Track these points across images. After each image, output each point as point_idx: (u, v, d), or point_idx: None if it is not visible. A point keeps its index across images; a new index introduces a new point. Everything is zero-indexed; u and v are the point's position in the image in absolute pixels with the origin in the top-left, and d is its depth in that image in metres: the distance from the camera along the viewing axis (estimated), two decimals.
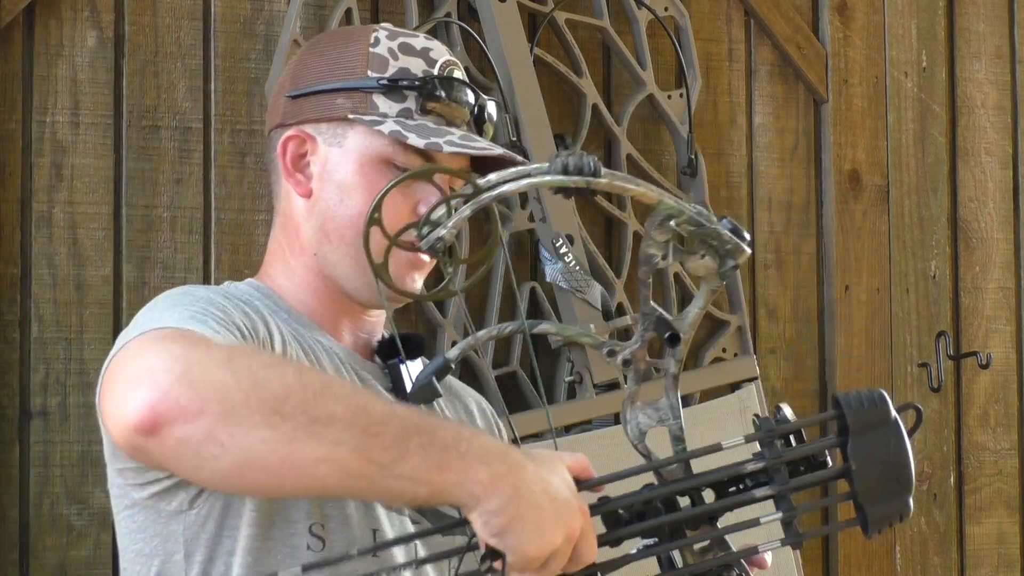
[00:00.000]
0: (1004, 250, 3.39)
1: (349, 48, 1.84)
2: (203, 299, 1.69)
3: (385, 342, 1.89)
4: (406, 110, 1.82)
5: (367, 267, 1.72)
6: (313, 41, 1.91)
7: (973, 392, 3.33)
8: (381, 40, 1.84)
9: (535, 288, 2.94)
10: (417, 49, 1.85)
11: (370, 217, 1.57)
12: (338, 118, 1.82)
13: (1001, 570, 3.33)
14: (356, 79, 1.82)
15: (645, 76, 3.05)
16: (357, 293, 1.84)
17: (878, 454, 1.54)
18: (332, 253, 1.83)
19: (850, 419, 1.55)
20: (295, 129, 1.85)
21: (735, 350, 3.07)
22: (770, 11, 3.17)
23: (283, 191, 1.87)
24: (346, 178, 1.82)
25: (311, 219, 1.84)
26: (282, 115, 1.87)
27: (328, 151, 1.83)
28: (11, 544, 2.61)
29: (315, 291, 1.85)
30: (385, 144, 1.81)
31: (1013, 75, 3.42)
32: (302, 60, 1.88)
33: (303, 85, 1.85)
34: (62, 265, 2.66)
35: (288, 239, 1.87)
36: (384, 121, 1.80)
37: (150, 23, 2.73)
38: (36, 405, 2.63)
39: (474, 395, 2.03)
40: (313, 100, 1.84)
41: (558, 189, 1.55)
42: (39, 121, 2.67)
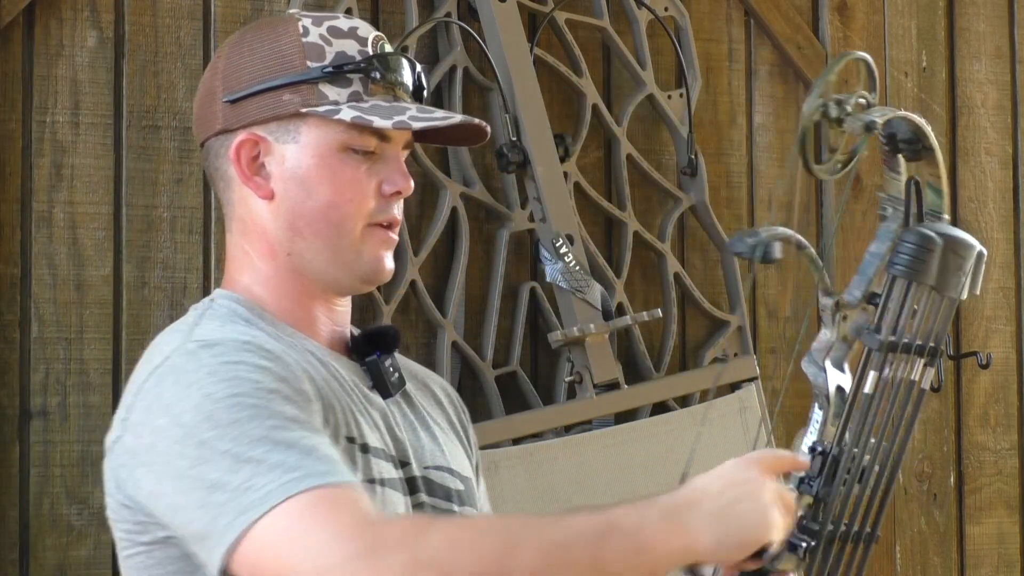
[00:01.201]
0: (1004, 250, 3.39)
1: (281, 42, 1.82)
2: (268, 392, 1.64)
3: (360, 339, 1.87)
4: (355, 93, 1.80)
5: (346, 255, 1.78)
6: (234, 41, 1.86)
7: (973, 392, 3.33)
8: (309, 29, 1.82)
9: (535, 288, 2.94)
10: (345, 31, 1.83)
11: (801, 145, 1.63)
12: (288, 114, 1.80)
13: (1001, 570, 3.33)
14: (298, 72, 1.80)
15: (645, 76, 3.05)
16: (336, 283, 1.83)
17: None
18: (307, 249, 1.81)
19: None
20: (245, 133, 1.81)
21: (735, 350, 3.07)
22: (770, 11, 3.17)
23: (236, 198, 1.84)
24: (309, 172, 1.80)
25: (278, 219, 1.81)
26: (223, 121, 1.83)
27: (283, 149, 1.81)
28: (11, 544, 2.61)
29: (289, 292, 1.83)
30: (341, 131, 1.79)
31: (1013, 75, 3.42)
32: (231, 62, 1.84)
33: (240, 87, 1.82)
34: (62, 265, 2.66)
35: (253, 244, 1.84)
36: (340, 109, 1.79)
37: (150, 23, 2.73)
38: (36, 405, 2.63)
39: (438, 380, 2.01)
40: (256, 100, 1.81)
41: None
42: (39, 121, 2.67)
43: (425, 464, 1.84)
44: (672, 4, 3.07)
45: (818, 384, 1.74)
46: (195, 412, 1.61)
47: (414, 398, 1.90)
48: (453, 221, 2.88)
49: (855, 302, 1.73)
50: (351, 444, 1.72)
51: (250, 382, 1.63)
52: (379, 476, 1.75)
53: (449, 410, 1.97)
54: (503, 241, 2.91)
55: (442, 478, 1.85)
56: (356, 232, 1.80)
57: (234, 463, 1.57)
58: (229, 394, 1.62)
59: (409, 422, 1.86)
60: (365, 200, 1.80)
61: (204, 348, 1.68)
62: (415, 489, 1.81)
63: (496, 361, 2.89)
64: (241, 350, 1.68)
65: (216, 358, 1.66)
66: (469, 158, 2.90)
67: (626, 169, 3.02)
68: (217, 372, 1.64)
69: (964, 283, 1.73)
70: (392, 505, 1.75)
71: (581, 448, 2.84)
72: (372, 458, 1.75)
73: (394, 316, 2.79)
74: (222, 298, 1.83)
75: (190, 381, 1.64)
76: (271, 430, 1.59)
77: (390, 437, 1.81)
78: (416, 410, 1.89)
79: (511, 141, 2.87)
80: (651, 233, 3.03)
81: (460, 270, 2.87)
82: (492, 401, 2.85)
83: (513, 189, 2.93)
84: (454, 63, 2.89)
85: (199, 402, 1.62)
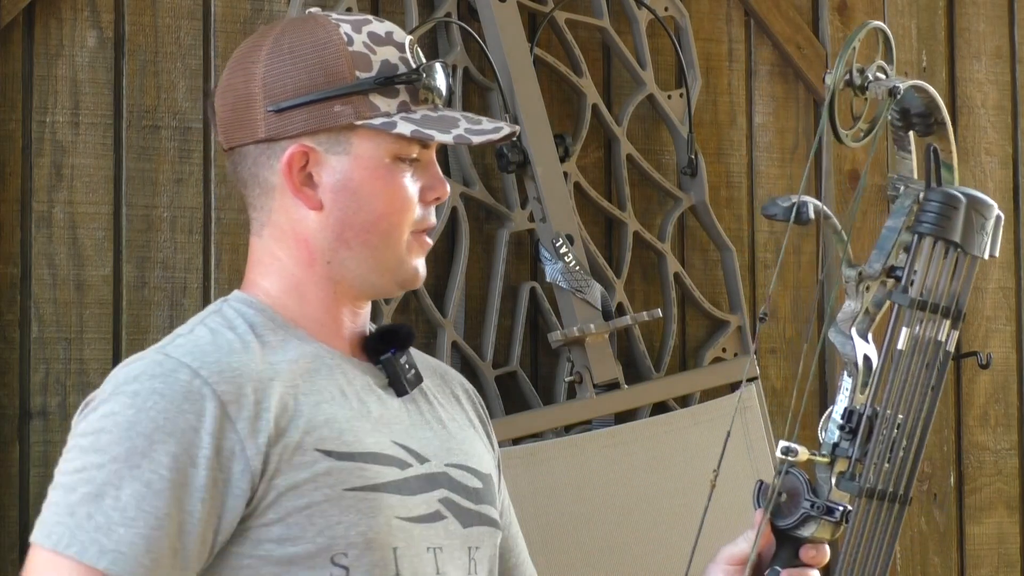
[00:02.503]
0: (1004, 250, 3.38)
1: (327, 51, 1.81)
2: (159, 441, 1.71)
3: (372, 338, 1.88)
4: (403, 104, 1.81)
5: (390, 263, 1.81)
6: (272, 45, 1.84)
7: (973, 392, 3.33)
8: (352, 37, 1.82)
9: (535, 288, 2.94)
10: (383, 36, 1.84)
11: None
12: (340, 127, 1.81)
13: (1001, 570, 3.33)
14: (348, 83, 1.80)
15: (645, 76, 3.05)
16: (373, 288, 1.85)
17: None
18: (350, 258, 1.82)
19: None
20: (295, 144, 1.81)
21: (735, 350, 3.07)
22: (770, 11, 3.17)
23: (276, 206, 1.84)
24: (363, 185, 1.81)
25: (325, 230, 1.82)
26: (266, 129, 1.82)
27: (335, 160, 1.81)
28: (11, 544, 2.61)
29: (318, 299, 1.84)
30: (391, 142, 1.80)
31: (1013, 75, 3.42)
32: (272, 68, 1.82)
33: (286, 96, 1.81)
34: (62, 265, 2.67)
35: (290, 252, 1.84)
36: (395, 121, 1.80)
37: (150, 23, 2.73)
38: (36, 405, 2.63)
39: (457, 376, 2.02)
40: (305, 111, 1.80)
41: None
42: (39, 121, 2.67)
43: (445, 461, 1.85)
44: (672, 4, 3.07)
45: (846, 353, 1.78)
46: (95, 424, 1.72)
47: (431, 395, 1.91)
48: (453, 221, 2.88)
49: (876, 274, 1.78)
50: (325, 455, 1.74)
51: (151, 422, 1.70)
52: (369, 483, 1.75)
53: (467, 406, 1.98)
54: (503, 241, 2.91)
55: (461, 476, 1.86)
56: (403, 241, 1.82)
57: (72, 481, 1.70)
58: (128, 421, 1.70)
59: (426, 420, 1.87)
60: (412, 208, 1.82)
61: (157, 365, 1.74)
62: (438, 484, 1.82)
63: (496, 361, 2.89)
64: (176, 382, 1.72)
65: (149, 382, 1.72)
66: (469, 158, 2.90)
67: (626, 169, 3.02)
68: (139, 394, 1.71)
69: (985, 243, 1.77)
70: (387, 509, 1.75)
71: (581, 448, 2.84)
72: (361, 465, 1.76)
73: (394, 316, 2.79)
74: (237, 300, 1.85)
75: (117, 388, 1.73)
76: (120, 478, 1.68)
77: (407, 435, 1.82)
78: (433, 408, 1.90)
79: (511, 141, 2.87)
80: (651, 233, 3.03)
81: (460, 270, 2.88)
82: (492, 401, 2.85)
83: (513, 189, 2.93)
84: (454, 63, 2.89)
85: (102, 415, 1.72)
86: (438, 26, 2.90)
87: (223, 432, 1.70)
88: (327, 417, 1.76)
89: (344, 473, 1.74)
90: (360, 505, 1.73)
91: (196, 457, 1.69)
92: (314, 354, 1.81)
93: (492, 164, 2.92)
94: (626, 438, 2.87)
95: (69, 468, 1.70)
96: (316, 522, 1.71)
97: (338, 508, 1.72)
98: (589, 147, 3.02)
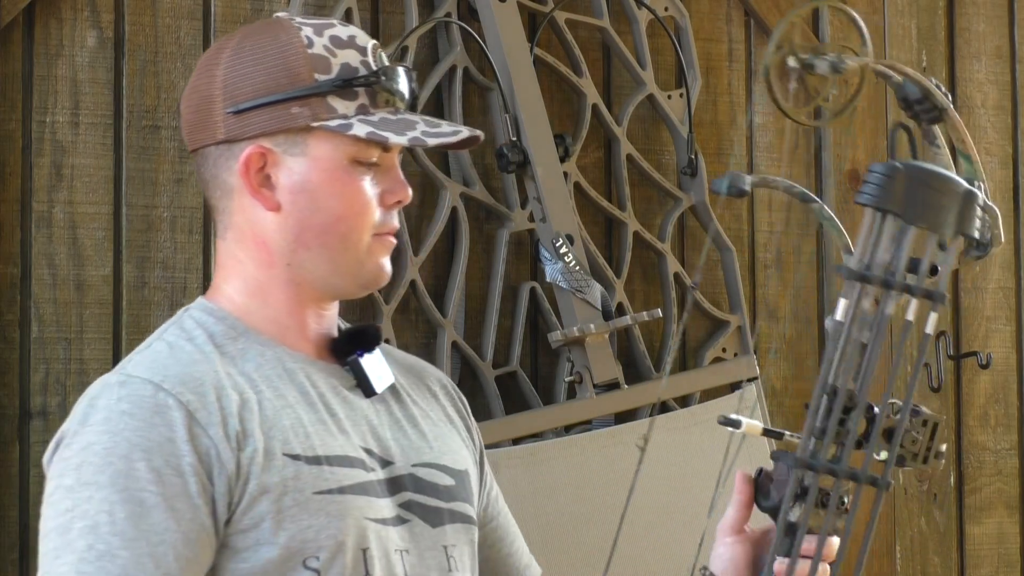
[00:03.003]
0: (1004, 250, 3.38)
1: (287, 53, 1.81)
2: (138, 460, 1.71)
3: (340, 339, 1.88)
4: (362, 106, 1.81)
5: (350, 265, 1.81)
6: (232, 48, 1.85)
7: (973, 392, 3.33)
8: (313, 39, 1.82)
9: (535, 288, 2.94)
10: (345, 40, 1.83)
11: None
12: (298, 128, 1.81)
13: (1001, 570, 3.33)
14: (306, 85, 1.80)
15: (645, 76, 3.05)
16: (335, 290, 1.85)
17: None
18: (309, 260, 1.82)
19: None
20: (252, 145, 1.81)
21: (735, 350, 3.07)
22: (770, 11, 3.17)
23: (236, 207, 1.84)
24: (319, 187, 1.81)
25: (283, 231, 1.82)
26: (225, 131, 1.82)
27: (291, 162, 1.81)
28: (11, 544, 2.61)
29: (280, 302, 1.84)
30: (349, 144, 1.80)
31: (1013, 75, 3.42)
32: (232, 70, 1.83)
33: (245, 98, 1.81)
34: (62, 265, 2.67)
35: (250, 254, 1.84)
36: (352, 123, 1.80)
37: (150, 23, 2.73)
38: (36, 405, 2.63)
39: (435, 373, 2.02)
40: (263, 112, 1.81)
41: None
42: (39, 121, 2.67)
43: (412, 462, 1.85)
44: (672, 4, 3.07)
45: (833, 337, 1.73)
46: (76, 453, 1.71)
47: (404, 394, 1.91)
48: (453, 221, 2.88)
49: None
50: (294, 460, 1.74)
51: (127, 443, 1.70)
52: (337, 486, 1.76)
53: (446, 402, 1.98)
54: (503, 241, 2.91)
55: (430, 474, 1.86)
56: (363, 243, 1.82)
57: (66, 521, 1.69)
58: (106, 448, 1.70)
59: (395, 420, 1.87)
60: (371, 212, 1.82)
61: (121, 387, 1.74)
62: (401, 487, 1.82)
63: (496, 361, 2.89)
64: (141, 401, 1.72)
65: (119, 404, 1.73)
66: (469, 158, 2.90)
67: (626, 169, 3.02)
68: (111, 419, 1.72)
69: (971, 226, 1.64)
70: (356, 511, 1.76)
71: (581, 448, 2.84)
72: (328, 468, 1.76)
73: (394, 316, 2.79)
74: (197, 309, 1.85)
75: (87, 417, 1.73)
76: (113, 506, 1.68)
77: (372, 437, 1.83)
78: (405, 407, 1.90)
79: (511, 141, 2.87)
80: (651, 233, 3.03)
81: (460, 270, 2.88)
82: (492, 401, 2.85)
83: (513, 189, 2.93)
84: (454, 63, 2.89)
85: (83, 446, 1.71)
86: (438, 26, 2.90)
87: (197, 439, 1.71)
88: (292, 422, 1.77)
89: (311, 476, 1.74)
90: (329, 508, 1.74)
91: (180, 467, 1.70)
92: (276, 359, 1.81)
93: (492, 164, 2.92)
94: (626, 438, 2.87)
95: (60, 510, 1.70)
96: (287, 527, 1.72)
97: (307, 512, 1.73)
98: (589, 147, 3.02)
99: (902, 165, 1.62)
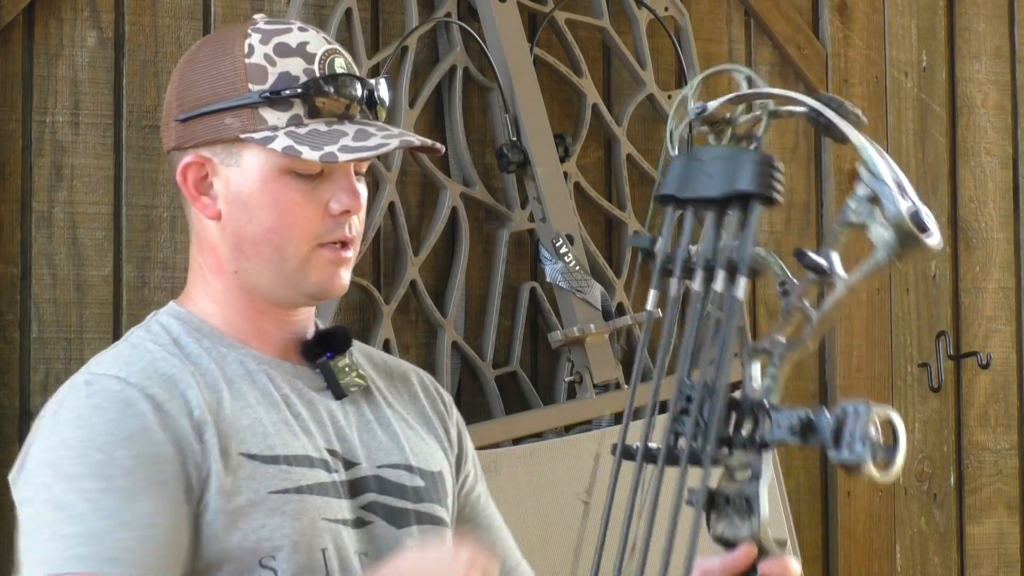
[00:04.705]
0: (1004, 250, 3.39)
1: (225, 63, 1.81)
2: (117, 448, 1.71)
3: (311, 341, 1.87)
4: (295, 117, 1.79)
5: (291, 276, 1.79)
6: (190, 53, 1.87)
7: (973, 392, 3.33)
8: (255, 47, 1.81)
9: (535, 288, 2.94)
10: (293, 47, 1.81)
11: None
12: (230, 139, 1.80)
13: (1001, 570, 3.33)
14: (239, 96, 1.79)
15: (645, 76, 3.05)
16: (285, 300, 1.84)
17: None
18: (252, 270, 1.82)
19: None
20: (192, 154, 1.82)
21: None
22: (770, 11, 3.17)
23: (192, 213, 1.86)
24: (251, 198, 1.80)
25: (224, 240, 1.83)
26: (175, 138, 1.84)
27: (228, 172, 1.81)
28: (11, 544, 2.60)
29: (237, 308, 1.84)
30: (282, 156, 1.79)
31: (1013, 75, 3.42)
32: (183, 78, 1.85)
33: (190, 106, 1.83)
34: (62, 265, 2.67)
35: (205, 260, 1.85)
36: (275, 136, 1.78)
37: (150, 23, 2.73)
38: (36, 405, 2.63)
39: (417, 373, 2.01)
40: (203, 122, 1.81)
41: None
42: (39, 121, 2.67)
43: (379, 463, 1.84)
44: (672, 4, 3.07)
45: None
46: (48, 454, 1.72)
47: (378, 395, 1.90)
48: (453, 221, 2.88)
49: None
50: (250, 459, 1.74)
51: (104, 434, 1.71)
52: (294, 485, 1.75)
53: (425, 403, 1.97)
54: (503, 241, 2.91)
55: (398, 476, 1.85)
56: (300, 255, 1.80)
57: (51, 516, 1.68)
58: (81, 442, 1.70)
59: (365, 421, 1.87)
60: (308, 223, 1.79)
61: (86, 386, 1.75)
62: (364, 489, 1.82)
63: (496, 361, 2.89)
64: (110, 395, 1.73)
65: (88, 400, 1.73)
66: (469, 158, 2.90)
67: (626, 169, 3.02)
68: (82, 416, 1.72)
69: (753, 183, 1.62)
70: (313, 511, 1.76)
71: (581, 448, 2.84)
72: (285, 468, 1.76)
73: (394, 316, 2.79)
74: (165, 313, 1.86)
75: (57, 420, 1.74)
76: (98, 494, 1.67)
77: (337, 439, 1.82)
78: (377, 407, 1.89)
79: (511, 141, 2.87)
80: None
81: (460, 270, 2.88)
82: (492, 401, 2.85)
83: (513, 189, 2.93)
84: (454, 63, 2.89)
85: (56, 445, 1.72)
86: (438, 26, 2.90)
87: (168, 427, 1.72)
88: (250, 421, 1.77)
89: (268, 476, 1.74)
90: (285, 507, 1.74)
91: (159, 454, 1.70)
92: (238, 361, 1.81)
93: (492, 164, 2.92)
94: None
95: (40, 510, 1.70)
96: (240, 525, 1.72)
97: (262, 511, 1.73)
98: (589, 147, 3.02)
99: (676, 155, 1.62)
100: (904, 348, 3.24)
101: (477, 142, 2.93)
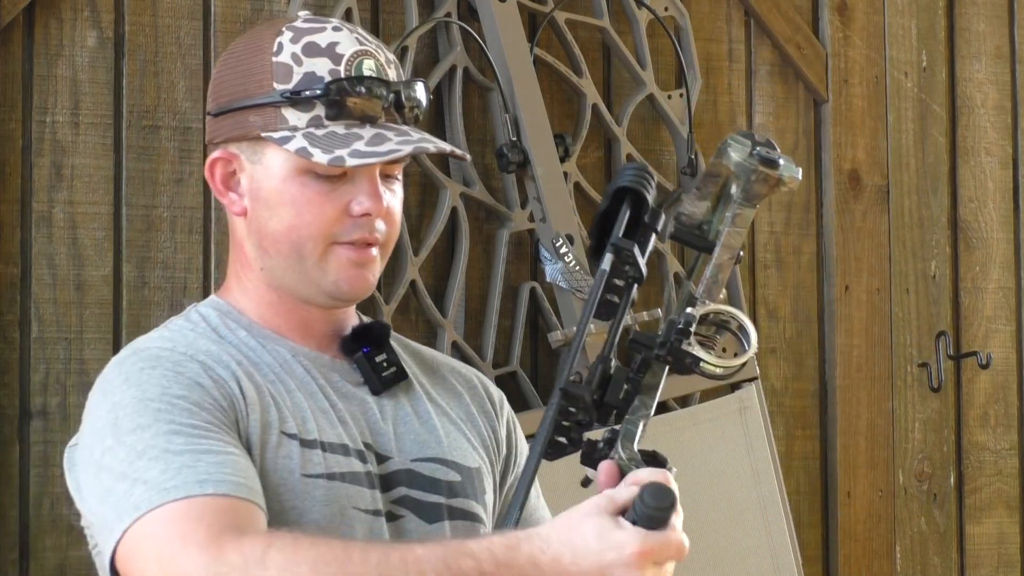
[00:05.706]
0: (1004, 250, 3.39)
1: (255, 60, 1.82)
2: (174, 397, 1.72)
3: (349, 336, 1.88)
4: (316, 118, 1.80)
5: (311, 274, 1.81)
6: (229, 49, 1.89)
7: (973, 392, 3.33)
8: (284, 46, 1.81)
9: (535, 288, 2.94)
10: (323, 47, 1.81)
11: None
12: (253, 137, 1.82)
13: (1001, 570, 3.33)
14: (263, 95, 1.81)
15: (645, 76, 3.05)
16: (309, 298, 1.85)
17: None
18: (275, 267, 1.84)
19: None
20: (220, 150, 1.84)
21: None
22: (770, 11, 3.17)
23: (225, 207, 1.89)
24: (271, 195, 1.82)
25: (250, 236, 1.85)
26: (209, 133, 1.87)
27: (252, 169, 1.83)
28: (11, 544, 2.61)
29: (270, 303, 1.86)
30: (297, 156, 1.80)
31: (1013, 75, 3.42)
32: (219, 74, 1.87)
33: (220, 103, 1.85)
34: (62, 265, 2.67)
35: (237, 255, 1.88)
36: (293, 136, 1.79)
37: (150, 23, 2.73)
38: (36, 405, 2.63)
39: (465, 370, 2.02)
40: (231, 119, 1.83)
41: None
42: (39, 121, 2.67)
43: (413, 456, 1.85)
44: (672, 4, 3.07)
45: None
46: (105, 418, 1.73)
47: (419, 389, 1.91)
48: (453, 221, 2.88)
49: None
50: (290, 439, 1.76)
51: (158, 387, 1.72)
52: (327, 471, 1.76)
53: (470, 401, 1.97)
54: (503, 241, 2.91)
55: (432, 470, 1.85)
56: (317, 252, 1.81)
57: (128, 467, 1.67)
58: (135, 399, 1.71)
59: (404, 415, 1.87)
60: (325, 222, 1.80)
61: (132, 355, 1.78)
62: (395, 483, 1.82)
63: (496, 361, 2.89)
64: (158, 357, 1.76)
65: (134, 365, 1.75)
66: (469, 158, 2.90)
67: None
68: (131, 379, 1.74)
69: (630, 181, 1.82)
70: (343, 499, 1.76)
71: None
72: (321, 453, 1.77)
73: (394, 316, 2.79)
74: (205, 305, 1.88)
75: (106, 390, 1.76)
76: (167, 436, 1.68)
77: (371, 432, 1.83)
78: (417, 401, 1.89)
79: (511, 141, 2.87)
80: None
81: (460, 270, 2.88)
82: None
83: (513, 189, 2.93)
84: (454, 63, 2.89)
85: (110, 408, 1.73)
86: (438, 26, 2.90)
87: (218, 385, 1.75)
88: (291, 404, 1.78)
89: (304, 459, 1.75)
90: (316, 493, 1.75)
91: (214, 404, 1.73)
92: (276, 350, 1.83)
93: (492, 164, 2.92)
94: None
95: (111, 468, 1.69)
96: (271, 507, 1.72)
97: (294, 494, 1.74)
98: (589, 147, 3.02)
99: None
100: (904, 348, 3.24)
101: (477, 142, 2.93)
